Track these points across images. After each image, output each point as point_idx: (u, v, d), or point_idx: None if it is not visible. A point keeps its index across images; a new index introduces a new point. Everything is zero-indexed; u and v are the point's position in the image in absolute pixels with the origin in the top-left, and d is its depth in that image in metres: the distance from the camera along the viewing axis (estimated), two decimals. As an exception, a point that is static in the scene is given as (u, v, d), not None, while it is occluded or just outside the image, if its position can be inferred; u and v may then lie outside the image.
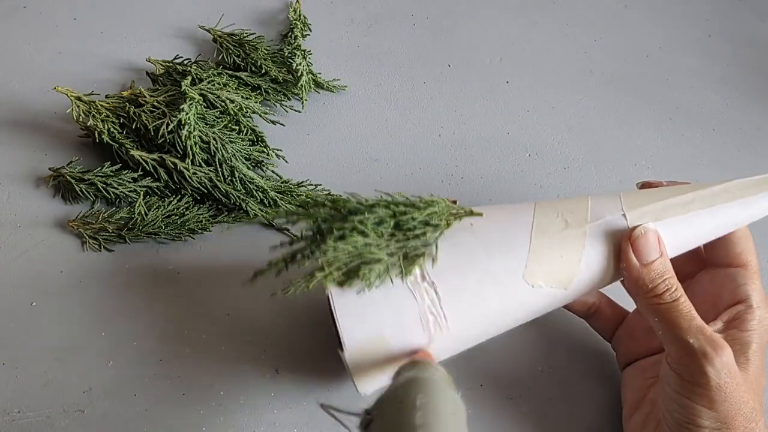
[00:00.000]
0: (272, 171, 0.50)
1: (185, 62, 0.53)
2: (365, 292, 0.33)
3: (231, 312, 0.44)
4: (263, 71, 0.54)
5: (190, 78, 0.49)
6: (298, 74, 0.53)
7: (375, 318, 0.33)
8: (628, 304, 0.43)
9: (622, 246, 0.35)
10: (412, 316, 0.34)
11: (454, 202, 0.37)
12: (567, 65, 0.60)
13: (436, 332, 0.34)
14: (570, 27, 0.64)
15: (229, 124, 0.49)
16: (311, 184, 0.49)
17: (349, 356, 0.34)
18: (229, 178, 0.47)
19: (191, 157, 0.46)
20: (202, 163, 0.46)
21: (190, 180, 0.46)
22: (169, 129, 0.46)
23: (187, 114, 0.45)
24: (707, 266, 0.39)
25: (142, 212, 0.46)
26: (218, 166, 0.47)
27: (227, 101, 0.49)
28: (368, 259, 0.33)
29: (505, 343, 0.37)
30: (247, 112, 0.50)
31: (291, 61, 0.54)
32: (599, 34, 0.63)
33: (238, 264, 0.46)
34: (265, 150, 0.50)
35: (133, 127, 0.47)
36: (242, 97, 0.50)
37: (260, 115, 0.51)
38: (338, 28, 0.61)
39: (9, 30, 0.58)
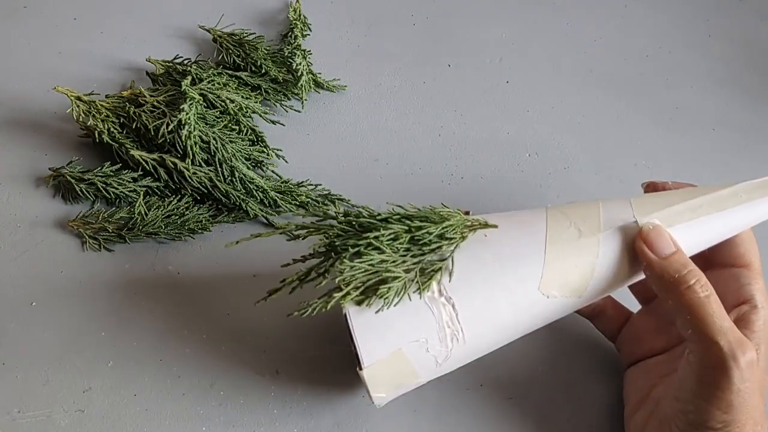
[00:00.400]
0: (272, 171, 0.50)
1: (185, 62, 0.53)
2: (384, 310, 0.33)
3: (231, 312, 0.44)
4: (263, 71, 0.54)
5: (190, 78, 0.49)
6: (298, 74, 0.53)
7: (393, 335, 0.33)
8: (633, 304, 0.43)
9: (636, 247, 0.35)
10: (431, 331, 0.33)
11: (467, 212, 0.36)
12: (567, 65, 0.60)
13: (453, 346, 0.34)
14: (570, 27, 0.64)
15: (229, 124, 0.49)
16: (311, 184, 0.49)
17: (368, 375, 0.33)
18: (229, 178, 0.47)
19: (191, 157, 0.46)
20: (202, 163, 0.46)
21: (190, 180, 0.46)
22: (169, 129, 0.46)
23: (187, 114, 0.45)
24: (710, 267, 0.39)
25: (142, 212, 0.46)
26: (218, 166, 0.47)
27: (227, 101, 0.49)
28: (386, 277, 0.33)
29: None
30: (247, 112, 0.50)
31: (291, 61, 0.54)
32: (599, 34, 0.63)
33: (238, 264, 0.46)
34: (265, 150, 0.50)
35: (133, 127, 0.47)
36: (242, 97, 0.50)
37: (260, 115, 0.51)
38: (338, 28, 0.61)
39: (9, 30, 0.58)
